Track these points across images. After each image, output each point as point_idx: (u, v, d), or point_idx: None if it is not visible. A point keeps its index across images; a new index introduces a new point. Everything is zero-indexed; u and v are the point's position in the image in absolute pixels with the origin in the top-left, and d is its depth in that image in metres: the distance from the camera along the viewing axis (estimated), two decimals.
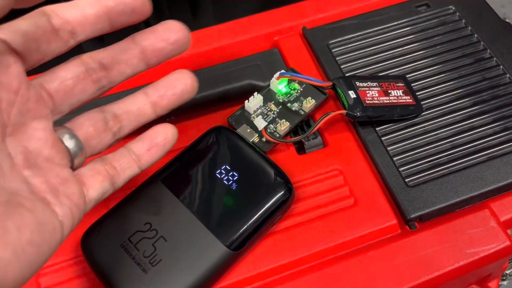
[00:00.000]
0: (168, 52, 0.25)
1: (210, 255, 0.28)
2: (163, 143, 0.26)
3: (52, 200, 0.21)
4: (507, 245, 0.30)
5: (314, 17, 0.42)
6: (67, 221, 0.21)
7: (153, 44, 0.24)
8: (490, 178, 0.32)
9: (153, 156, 0.26)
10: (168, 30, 0.25)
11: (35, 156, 0.22)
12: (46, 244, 0.20)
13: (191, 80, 0.26)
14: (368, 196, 0.32)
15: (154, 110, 0.26)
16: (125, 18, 0.23)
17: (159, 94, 0.26)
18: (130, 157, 0.25)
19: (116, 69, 0.24)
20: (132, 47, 0.24)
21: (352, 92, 0.34)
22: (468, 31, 0.40)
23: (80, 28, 0.23)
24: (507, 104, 0.35)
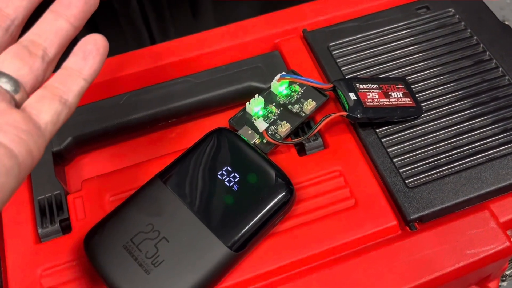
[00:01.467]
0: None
1: (212, 256, 0.28)
2: (95, 48, 0.25)
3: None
4: (507, 246, 0.31)
5: (315, 19, 0.43)
6: (17, 146, 0.21)
7: None
8: (490, 179, 0.32)
9: (92, 64, 0.25)
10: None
11: None
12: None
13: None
14: (369, 197, 0.32)
15: (69, 23, 0.26)
16: None
17: (65, 5, 0.26)
18: (70, 73, 0.25)
19: (11, 6, 0.25)
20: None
21: (353, 94, 0.34)
22: (468, 33, 0.40)
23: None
24: (506, 106, 0.36)
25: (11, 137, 0.21)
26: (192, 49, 0.41)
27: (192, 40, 0.42)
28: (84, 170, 0.37)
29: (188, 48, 0.41)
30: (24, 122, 0.22)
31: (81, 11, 0.26)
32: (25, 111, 0.23)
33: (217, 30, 0.42)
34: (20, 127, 0.22)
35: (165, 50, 0.41)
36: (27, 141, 0.22)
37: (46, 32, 0.25)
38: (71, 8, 0.25)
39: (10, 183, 0.21)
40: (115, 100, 0.38)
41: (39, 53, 0.25)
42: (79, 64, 0.25)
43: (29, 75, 0.24)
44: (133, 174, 0.34)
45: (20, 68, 0.24)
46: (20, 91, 0.23)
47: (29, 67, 0.24)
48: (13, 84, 0.23)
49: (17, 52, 0.24)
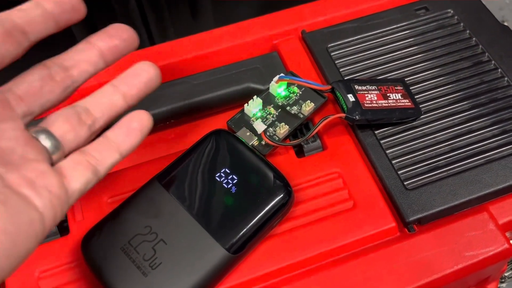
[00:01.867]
0: (122, 48, 0.27)
1: (209, 258, 0.28)
2: (139, 127, 0.27)
3: (29, 192, 0.21)
4: (506, 248, 0.31)
5: (313, 20, 0.42)
6: (47, 212, 0.22)
7: (108, 42, 0.26)
8: (489, 181, 0.32)
9: (132, 141, 0.26)
10: (118, 29, 0.27)
11: (8, 154, 0.22)
12: (22, 234, 0.20)
13: (154, 69, 0.28)
14: (367, 199, 0.32)
15: (125, 101, 0.27)
16: (67, 16, 0.25)
17: (127, 84, 0.27)
18: (109, 145, 0.26)
19: (77, 68, 0.26)
20: (89, 47, 0.26)
21: (351, 95, 0.34)
22: (467, 34, 0.40)
23: (30, 29, 0.24)
24: (505, 107, 0.36)
25: (45, 201, 0.22)
26: (191, 50, 0.41)
27: (191, 41, 0.42)
28: None
29: (187, 49, 0.41)
30: (58, 188, 0.23)
31: (139, 92, 0.27)
32: (60, 173, 0.23)
33: (216, 31, 0.42)
34: (54, 192, 0.22)
35: (164, 51, 0.41)
36: (56, 207, 0.22)
37: (101, 104, 0.26)
38: (131, 87, 0.27)
39: (31, 247, 0.21)
40: None
41: (88, 123, 0.26)
42: (120, 139, 0.26)
43: (72, 142, 0.25)
44: (131, 176, 0.34)
45: (66, 132, 0.25)
46: (58, 153, 0.24)
47: (75, 133, 0.25)
48: (54, 144, 0.24)
49: (68, 117, 0.25)
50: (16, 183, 0.21)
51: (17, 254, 0.20)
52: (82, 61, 0.26)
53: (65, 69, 0.25)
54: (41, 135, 0.24)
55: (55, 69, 0.25)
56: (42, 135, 0.24)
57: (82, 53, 0.26)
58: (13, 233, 0.20)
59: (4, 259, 0.20)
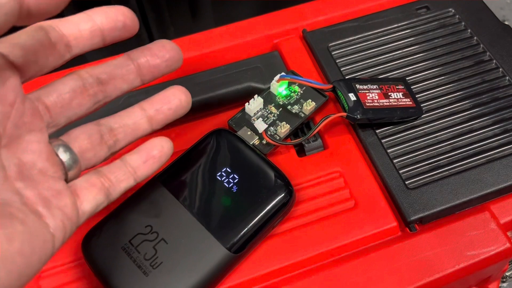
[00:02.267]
0: (162, 69, 0.26)
1: (211, 257, 0.28)
2: (159, 155, 0.26)
3: (44, 212, 0.21)
4: (507, 247, 0.31)
5: (314, 19, 0.42)
6: (58, 233, 0.21)
7: (148, 61, 0.25)
8: (490, 180, 0.32)
9: (149, 168, 0.26)
10: (162, 48, 0.26)
11: (28, 168, 0.22)
12: (36, 255, 0.20)
13: (185, 96, 0.27)
14: (369, 199, 0.32)
15: (150, 125, 0.27)
16: (117, 34, 0.24)
17: (155, 109, 0.27)
18: (126, 169, 0.26)
19: (112, 84, 0.25)
20: (128, 63, 0.25)
21: (352, 94, 0.34)
22: (468, 33, 0.40)
23: (75, 42, 0.23)
24: (506, 106, 0.35)
25: (57, 222, 0.21)
26: (191, 49, 0.41)
27: (191, 41, 0.41)
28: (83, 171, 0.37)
29: (187, 48, 0.41)
30: (71, 209, 0.22)
31: (165, 118, 0.27)
32: (74, 193, 0.23)
33: (216, 30, 0.42)
34: (67, 214, 0.22)
35: None
36: (66, 229, 0.22)
37: (126, 126, 0.26)
38: (159, 113, 0.26)
39: (40, 268, 0.21)
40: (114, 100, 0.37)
41: (109, 143, 0.25)
42: (137, 164, 0.26)
43: (90, 160, 0.25)
44: None
45: (87, 150, 0.24)
46: (75, 170, 0.24)
47: (95, 153, 0.25)
48: (72, 160, 0.23)
49: (91, 134, 0.25)
50: (33, 201, 0.21)
51: (27, 275, 0.20)
52: (118, 77, 0.25)
53: (99, 83, 0.25)
54: (61, 148, 0.23)
55: (89, 81, 0.24)
56: (61, 149, 0.23)
57: (120, 69, 0.25)
58: (28, 255, 0.19)
59: (16, 279, 0.19)
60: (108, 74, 0.25)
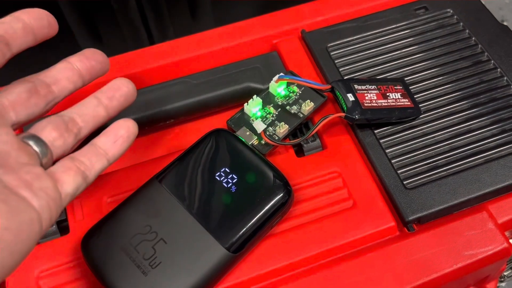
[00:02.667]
0: (98, 70, 0.29)
1: (209, 257, 0.28)
2: (127, 135, 0.28)
3: (27, 194, 0.22)
4: (505, 247, 0.31)
5: (313, 20, 0.42)
6: (44, 212, 0.22)
7: (85, 63, 0.28)
8: (488, 180, 0.32)
9: (119, 148, 0.28)
10: (93, 52, 0.29)
11: (3, 157, 0.23)
12: (24, 232, 0.21)
13: (131, 85, 0.30)
14: (367, 198, 0.32)
15: (106, 112, 0.29)
16: (45, 31, 0.27)
17: (108, 97, 0.29)
18: (97, 151, 0.27)
19: (58, 85, 0.27)
20: (68, 66, 0.28)
21: (351, 95, 0.34)
22: (466, 34, 0.40)
23: (13, 40, 0.25)
24: (504, 107, 0.36)
25: (42, 202, 0.22)
26: (191, 49, 0.41)
27: (191, 41, 0.42)
28: None
29: (186, 48, 0.41)
30: (53, 190, 0.24)
31: (119, 104, 0.29)
32: (52, 178, 0.24)
33: (215, 30, 0.42)
34: (50, 195, 0.23)
35: (164, 50, 0.41)
36: (52, 209, 0.23)
37: (86, 115, 0.28)
38: (113, 100, 0.29)
39: (31, 247, 0.22)
40: None
41: (74, 131, 0.27)
42: (107, 146, 0.28)
43: (60, 148, 0.26)
44: (131, 175, 0.34)
45: (56, 139, 0.26)
46: (47, 158, 0.25)
47: (63, 140, 0.26)
48: (44, 149, 0.25)
49: (57, 124, 0.27)
50: (15, 184, 0.22)
51: (19, 251, 0.21)
52: (62, 79, 0.27)
53: (47, 85, 0.27)
54: (31, 140, 0.25)
55: (39, 83, 0.27)
56: (32, 141, 0.25)
57: (63, 72, 0.28)
58: (15, 230, 0.20)
59: (8, 255, 0.20)
60: (52, 77, 0.27)
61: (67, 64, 0.28)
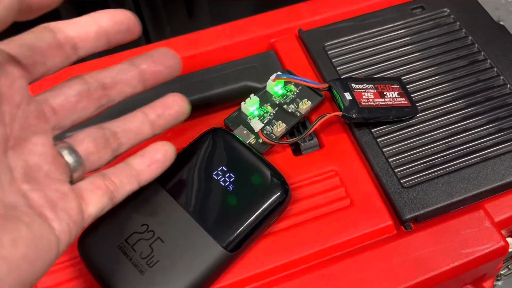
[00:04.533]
0: (164, 75, 0.27)
1: (207, 256, 0.28)
2: (162, 159, 0.27)
3: (50, 215, 0.21)
4: (502, 246, 0.31)
5: (310, 19, 0.42)
6: (64, 236, 0.21)
7: (151, 67, 0.26)
8: (485, 179, 0.32)
9: (152, 172, 0.27)
10: (164, 55, 0.27)
11: (34, 170, 0.22)
12: (40, 260, 0.20)
13: (185, 103, 0.28)
14: (364, 197, 0.33)
15: (152, 129, 0.27)
16: (121, 36, 0.25)
17: (157, 114, 0.27)
18: (130, 172, 0.26)
19: (116, 89, 0.25)
20: (132, 69, 0.26)
21: (348, 94, 0.34)
22: (463, 33, 0.40)
23: (82, 44, 0.24)
24: (501, 106, 0.36)
25: (63, 225, 0.21)
26: (187, 48, 0.41)
27: (188, 40, 0.42)
28: None
29: (183, 47, 0.41)
30: (77, 212, 0.22)
31: (166, 123, 0.27)
32: (79, 195, 0.23)
33: (212, 29, 0.42)
34: (72, 217, 0.22)
35: None
36: (71, 232, 0.22)
37: (129, 130, 0.26)
38: (160, 118, 0.27)
39: (45, 272, 0.20)
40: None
41: (113, 146, 0.26)
42: (141, 168, 0.26)
43: (95, 163, 0.25)
44: None
45: (92, 153, 0.25)
46: (79, 171, 0.24)
47: (99, 156, 0.25)
48: (77, 162, 0.24)
49: (96, 138, 0.25)
50: (39, 203, 0.21)
51: (31, 280, 0.19)
52: (122, 82, 0.26)
53: (103, 88, 0.25)
54: (66, 150, 0.24)
55: (94, 85, 0.25)
56: (66, 151, 0.24)
57: (124, 74, 0.26)
58: (33, 260, 0.19)
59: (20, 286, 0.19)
60: (112, 79, 0.25)
61: (130, 66, 0.26)
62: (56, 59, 0.23)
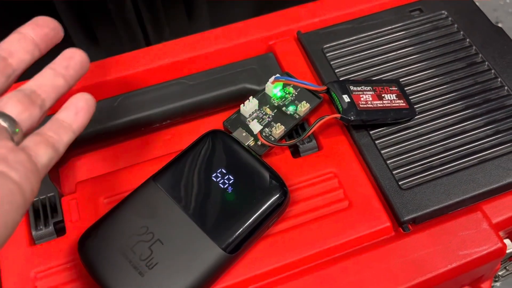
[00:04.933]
0: (52, 37, 0.28)
1: (206, 257, 0.29)
2: (86, 107, 0.28)
3: (3, 167, 0.22)
4: (499, 247, 0.31)
5: (309, 21, 0.43)
6: (25, 184, 0.23)
7: (38, 31, 0.28)
8: (482, 180, 0.32)
9: (82, 119, 0.28)
10: (44, 19, 0.28)
11: None
12: (6, 204, 0.21)
13: (83, 52, 0.29)
14: (362, 199, 0.33)
15: (65, 81, 0.28)
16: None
17: (63, 66, 0.28)
18: (62, 124, 0.27)
19: (15, 58, 0.27)
20: (21, 37, 0.27)
21: (346, 96, 0.34)
22: (461, 35, 0.41)
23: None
24: (498, 108, 0.36)
25: (21, 174, 0.23)
26: (187, 50, 0.41)
27: (187, 42, 0.42)
28: (78, 172, 0.37)
29: (182, 49, 0.41)
30: (29, 162, 0.24)
31: (76, 73, 0.29)
32: (25, 151, 0.24)
33: (211, 31, 0.42)
34: (27, 167, 0.23)
35: (160, 51, 0.41)
36: (32, 180, 0.23)
37: (46, 86, 0.27)
38: (69, 69, 0.28)
39: (17, 218, 0.22)
40: (109, 102, 0.38)
41: (38, 103, 0.27)
42: (70, 118, 0.27)
43: (28, 120, 0.26)
44: (128, 176, 0.34)
45: (21, 112, 0.26)
46: (18, 133, 0.25)
47: (29, 113, 0.26)
48: (12, 124, 0.25)
49: (20, 98, 0.26)
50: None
51: (4, 224, 0.21)
52: (18, 51, 0.27)
53: (3, 59, 0.26)
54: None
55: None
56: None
57: (16, 44, 0.27)
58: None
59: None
60: (7, 50, 0.27)
61: (19, 35, 0.27)
62: None
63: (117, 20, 0.57)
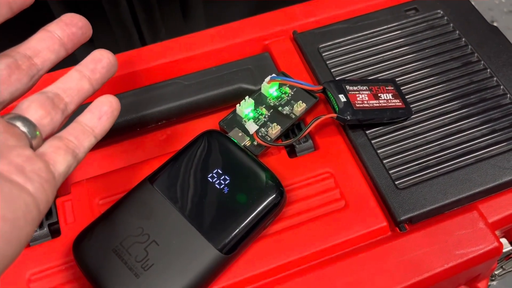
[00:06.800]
0: (79, 36, 0.28)
1: (202, 259, 0.28)
2: (110, 110, 0.27)
3: (19, 178, 0.22)
4: (496, 246, 0.31)
5: (305, 21, 0.43)
6: (40, 195, 0.22)
7: (66, 30, 0.27)
8: (478, 180, 0.32)
9: (105, 124, 0.27)
10: (73, 17, 0.28)
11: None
12: (21, 219, 0.21)
13: (112, 55, 0.29)
14: (359, 199, 0.33)
15: (91, 85, 0.28)
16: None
17: (90, 69, 0.28)
18: (84, 129, 0.27)
19: (40, 57, 0.26)
20: (48, 36, 0.27)
21: (342, 95, 0.34)
22: (456, 35, 0.41)
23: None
24: (494, 107, 0.36)
25: (36, 185, 0.22)
26: (182, 50, 0.41)
27: (182, 42, 0.42)
28: (73, 173, 0.37)
29: (178, 49, 0.41)
30: (46, 172, 0.23)
31: (102, 77, 0.28)
32: (43, 159, 0.24)
33: (207, 31, 0.42)
34: (44, 177, 0.23)
35: (156, 51, 0.41)
36: (47, 191, 0.23)
37: (70, 89, 0.27)
38: (95, 73, 0.28)
39: (31, 232, 0.21)
40: None
41: (61, 107, 0.26)
42: (93, 122, 0.27)
43: (49, 125, 0.25)
44: (123, 177, 0.34)
45: (43, 117, 0.25)
46: (37, 138, 0.24)
47: (51, 118, 0.25)
48: (32, 129, 0.24)
49: (42, 102, 0.25)
50: (6, 170, 0.21)
51: (17, 239, 0.20)
52: (43, 50, 0.26)
53: (28, 58, 0.26)
54: (18, 121, 0.24)
55: (19, 57, 0.25)
56: (18, 121, 0.24)
57: (43, 42, 0.27)
58: (11, 219, 0.20)
59: (6, 245, 0.20)
60: (33, 49, 0.26)
61: (47, 33, 0.27)
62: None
63: (112, 20, 0.56)
